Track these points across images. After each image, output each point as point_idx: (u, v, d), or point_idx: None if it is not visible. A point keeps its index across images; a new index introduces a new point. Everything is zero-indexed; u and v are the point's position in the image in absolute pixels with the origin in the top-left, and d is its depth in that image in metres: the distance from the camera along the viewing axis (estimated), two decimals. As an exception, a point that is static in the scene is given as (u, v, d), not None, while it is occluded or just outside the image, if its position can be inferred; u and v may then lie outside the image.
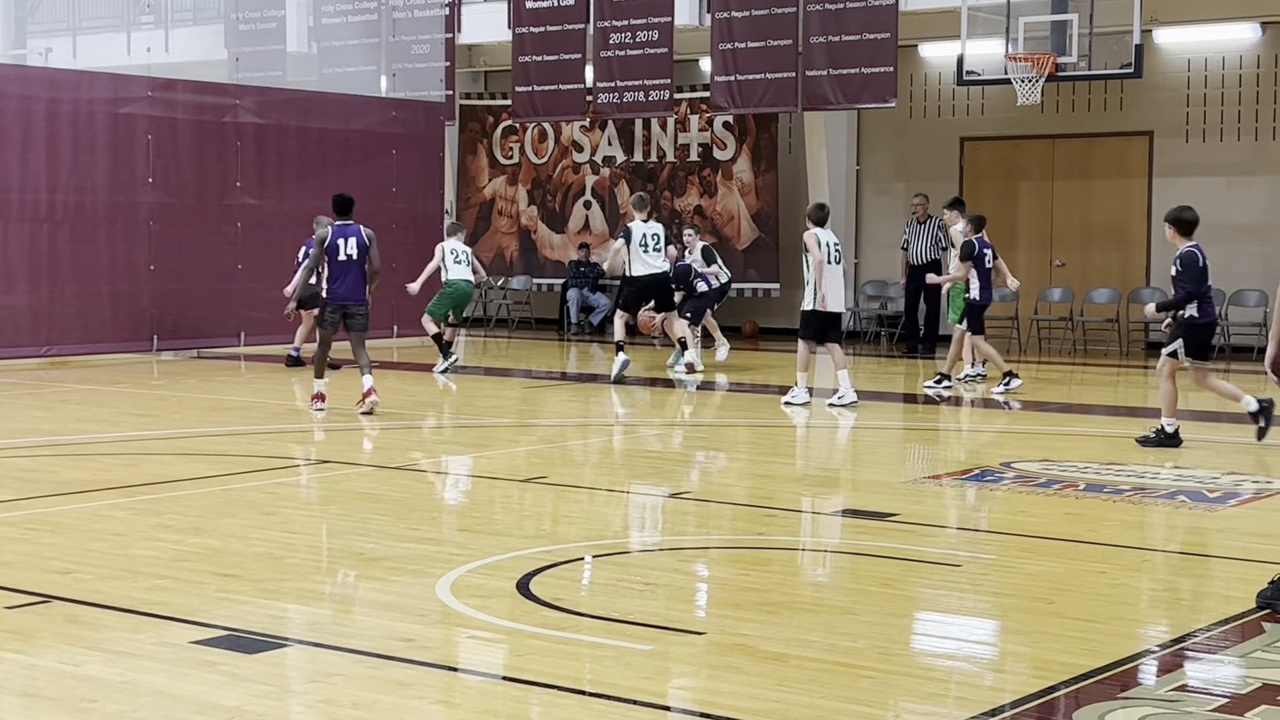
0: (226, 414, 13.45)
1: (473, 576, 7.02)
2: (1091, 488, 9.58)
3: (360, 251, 13.15)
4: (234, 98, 19.60)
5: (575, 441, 12.25)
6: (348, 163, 20.28)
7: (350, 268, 13.11)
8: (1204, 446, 11.78)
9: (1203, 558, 7.65)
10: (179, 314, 18.75)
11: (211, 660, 5.59)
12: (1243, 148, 19.50)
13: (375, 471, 10.29)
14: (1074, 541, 8.04)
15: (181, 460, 10.69)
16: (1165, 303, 11.64)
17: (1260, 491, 9.40)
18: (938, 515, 9.05)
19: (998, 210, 21.00)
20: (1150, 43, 18.99)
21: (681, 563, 7.62)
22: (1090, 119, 20.44)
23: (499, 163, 24.66)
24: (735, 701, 5.19)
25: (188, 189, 18.82)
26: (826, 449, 12.47)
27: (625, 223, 17.28)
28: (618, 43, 20.79)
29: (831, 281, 14.00)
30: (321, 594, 6.74)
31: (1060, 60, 17.40)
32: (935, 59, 21.12)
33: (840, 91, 19.18)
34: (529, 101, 21.75)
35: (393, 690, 5.28)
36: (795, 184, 21.93)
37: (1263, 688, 5.35)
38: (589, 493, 9.74)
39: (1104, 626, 6.22)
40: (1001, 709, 5.14)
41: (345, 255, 13.12)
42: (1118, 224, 20.44)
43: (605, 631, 6.09)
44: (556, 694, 5.27)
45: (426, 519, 8.76)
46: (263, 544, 7.78)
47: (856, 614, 6.42)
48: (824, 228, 14.23)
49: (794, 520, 8.86)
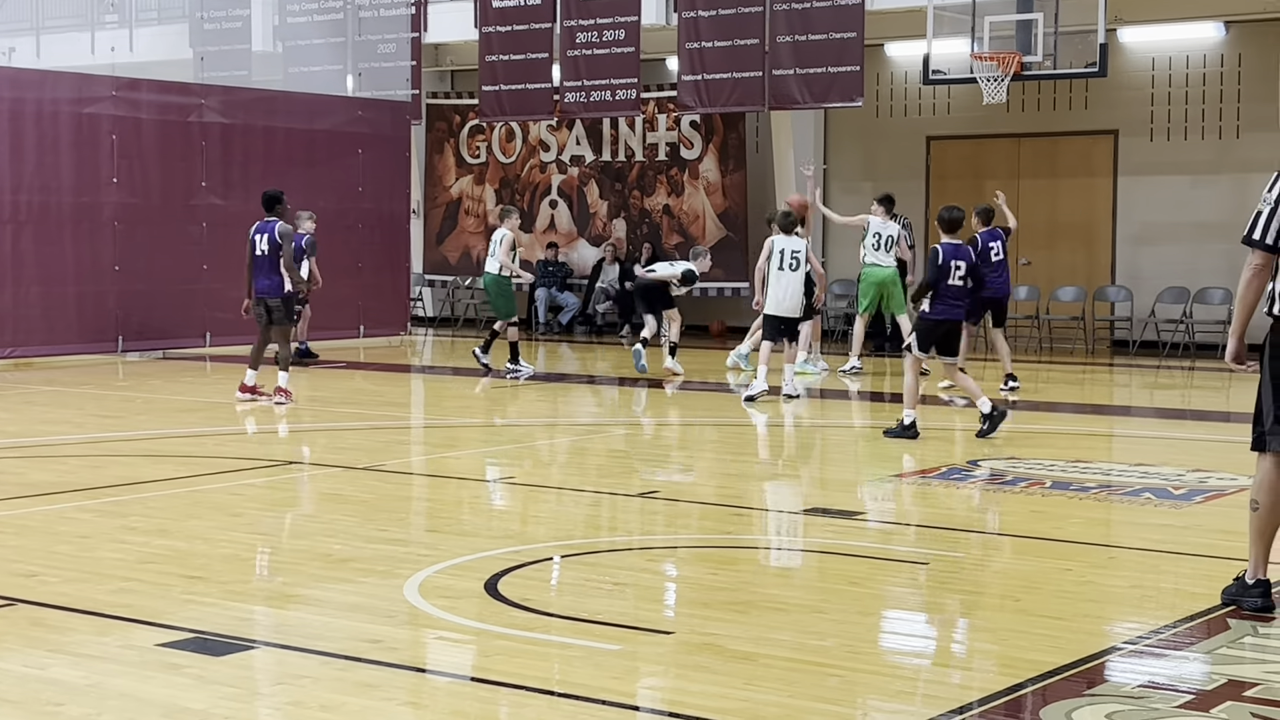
0: (192, 415, 13.39)
1: (441, 577, 7.00)
2: (1058, 485, 9.62)
3: (272, 248, 13.62)
4: (199, 97, 19.50)
5: (543, 441, 12.24)
6: (313, 162, 20.21)
7: (263, 263, 13.67)
8: (1169, 444, 11.85)
9: (1168, 554, 7.69)
10: (144, 315, 18.65)
11: (178, 663, 5.56)
12: (1207, 146, 19.62)
13: (342, 472, 10.26)
14: (1040, 539, 8.07)
15: (147, 462, 10.63)
16: (914, 293, 12.20)
17: (1225, 488, 9.45)
18: (905, 513, 9.08)
19: (964, 210, 21.07)
20: (1115, 42, 19.09)
21: (650, 562, 7.62)
22: (1055, 118, 20.53)
23: (466, 162, 24.61)
24: (704, 701, 5.19)
25: (153, 189, 18.72)
26: (794, 448, 12.49)
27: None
28: (584, 42, 20.78)
29: (777, 286, 14.09)
30: (289, 596, 6.71)
31: (1025, 59, 17.47)
32: (901, 58, 21.18)
33: (807, 91, 19.21)
34: (496, 101, 21.72)
35: (361, 692, 5.26)
36: (762, 183, 21.97)
37: (1228, 683, 5.38)
38: (557, 493, 9.73)
39: (1070, 624, 6.25)
40: (969, 707, 5.15)
41: (260, 251, 13.69)
42: (1083, 223, 20.54)
43: (574, 632, 6.08)
44: (525, 694, 5.26)
45: (394, 520, 8.74)
46: (229, 546, 7.74)
47: (824, 613, 6.44)
48: (789, 235, 14.22)
49: (762, 519, 8.87)
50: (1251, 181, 17.76)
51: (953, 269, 11.75)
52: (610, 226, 23.37)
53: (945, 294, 11.76)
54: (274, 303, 13.71)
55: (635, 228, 23.11)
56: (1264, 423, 6.25)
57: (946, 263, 11.72)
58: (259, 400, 13.66)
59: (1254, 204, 6.31)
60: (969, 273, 11.82)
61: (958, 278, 11.77)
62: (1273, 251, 6.16)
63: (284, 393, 13.64)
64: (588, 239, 23.64)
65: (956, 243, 11.96)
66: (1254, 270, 6.19)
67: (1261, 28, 18.88)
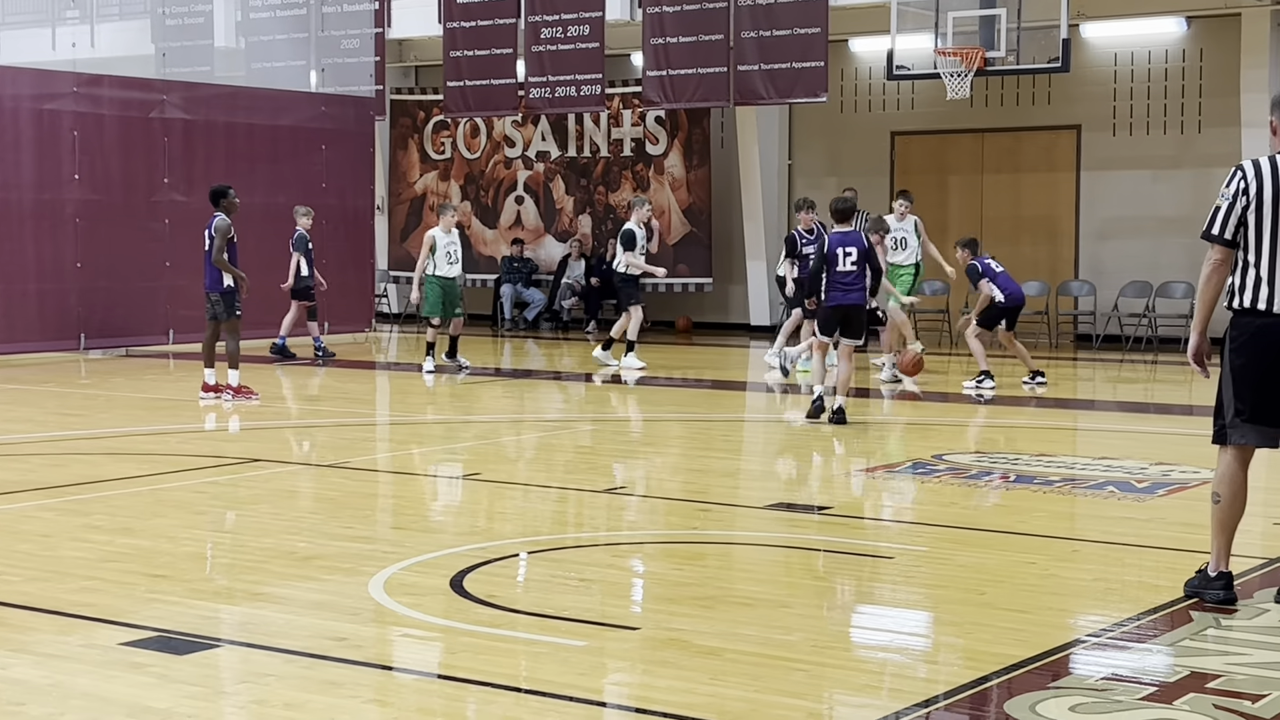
0: (155, 413, 13.32)
1: (406, 574, 6.99)
2: (1022, 479, 9.66)
3: (210, 241, 13.64)
4: (161, 93, 19.39)
5: (509, 438, 12.22)
6: (277, 158, 20.12)
7: (206, 258, 13.71)
8: (1133, 437, 11.92)
9: (1131, 547, 7.73)
10: (106, 312, 18.54)
11: (141, 662, 5.53)
12: (1169, 141, 19.73)
13: (307, 469, 10.22)
14: (1005, 533, 8.10)
15: (110, 460, 10.57)
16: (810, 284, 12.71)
17: (1187, 481, 9.51)
18: (871, 508, 9.10)
19: (928, 204, 21.15)
20: (1077, 37, 19.17)
21: (616, 558, 7.62)
22: (1019, 113, 20.62)
23: (431, 158, 24.55)
24: (670, 696, 5.19)
25: (114, 186, 18.61)
26: (760, 442, 12.51)
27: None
28: (549, 37, 20.75)
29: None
30: (253, 593, 6.68)
31: (989, 55, 17.53)
32: (865, 54, 21.23)
33: (772, 86, 19.23)
34: (460, 96, 21.67)
35: (326, 690, 5.24)
36: (727, 179, 21.99)
37: (1191, 675, 5.41)
38: (523, 489, 9.72)
39: (1035, 617, 6.27)
40: (935, 700, 5.17)
41: (207, 245, 13.71)
42: (1046, 217, 20.63)
43: (540, 628, 6.07)
44: (491, 691, 5.25)
45: (359, 517, 8.71)
46: (193, 544, 7.71)
47: (790, 607, 6.44)
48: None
49: (728, 514, 8.87)
50: (1212, 176, 17.89)
51: (841, 256, 12.15)
52: (576, 222, 23.35)
53: (836, 281, 12.19)
54: (214, 297, 13.66)
55: (601, 223, 23.09)
56: (1224, 416, 6.29)
57: (834, 250, 12.19)
58: (221, 398, 13.59)
59: (1214, 199, 6.35)
60: (860, 259, 12.17)
61: (849, 264, 12.15)
62: (1231, 246, 6.20)
63: (237, 390, 13.53)
64: (553, 235, 23.62)
65: (846, 230, 12.32)
66: (1213, 265, 6.24)
67: (1222, 23, 18.99)
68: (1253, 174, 6.17)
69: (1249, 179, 6.16)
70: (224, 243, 13.50)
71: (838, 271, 12.18)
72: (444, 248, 16.10)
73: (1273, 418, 6.22)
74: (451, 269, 16.16)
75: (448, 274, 16.15)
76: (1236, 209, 6.17)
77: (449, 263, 16.14)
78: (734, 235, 22.14)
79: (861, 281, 12.28)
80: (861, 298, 12.34)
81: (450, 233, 16.26)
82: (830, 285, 12.24)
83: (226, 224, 13.57)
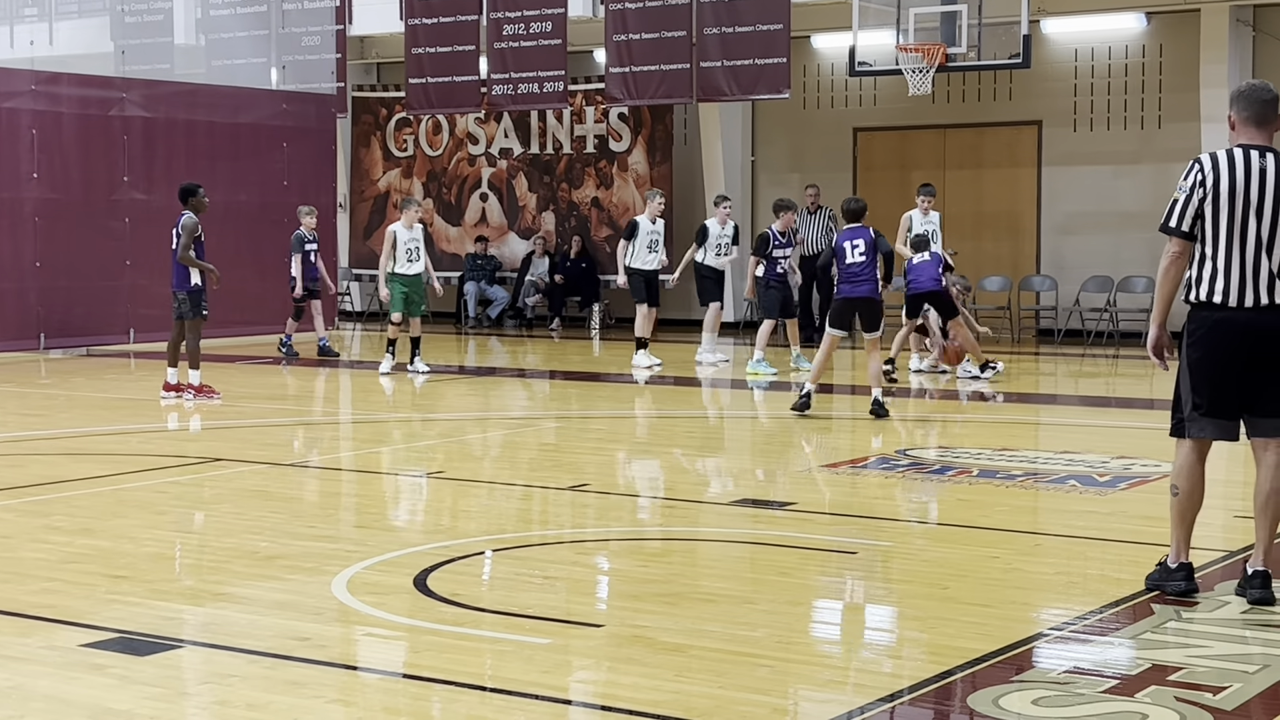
0: (116, 412, 13.23)
1: (369, 573, 6.96)
2: (985, 474, 9.69)
3: (176, 240, 13.55)
4: (120, 91, 19.27)
5: (474, 435, 12.19)
6: (238, 156, 20.02)
7: (173, 256, 13.61)
8: (1094, 431, 11.98)
9: (1093, 541, 7.77)
10: (66, 311, 18.41)
11: (102, 663, 5.49)
12: (1129, 136, 19.83)
13: (269, 469, 10.17)
14: (968, 527, 8.13)
15: (70, 460, 10.50)
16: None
17: (1149, 474, 9.56)
18: (835, 503, 9.11)
19: (891, 200, 21.21)
20: (1038, 33, 19.26)
21: (581, 556, 7.61)
22: (980, 109, 20.69)
23: (393, 155, 24.48)
24: (635, 694, 5.18)
25: (74, 184, 18.48)
26: (725, 439, 12.52)
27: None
28: (511, 34, 20.71)
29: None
30: (215, 594, 6.64)
31: (950, 51, 17.59)
32: (828, 50, 21.26)
33: (734, 83, 19.25)
34: (423, 93, 21.61)
35: (289, 690, 5.22)
36: (691, 175, 21.98)
37: (1152, 668, 5.44)
38: (488, 487, 9.70)
39: (998, 611, 6.30)
40: (899, 694, 5.18)
41: (174, 244, 13.62)
42: (1008, 213, 20.71)
43: (504, 626, 6.06)
44: (456, 690, 5.24)
45: (322, 516, 8.67)
46: (154, 544, 7.66)
47: (755, 603, 6.45)
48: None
49: (693, 511, 8.87)
50: (1172, 171, 17.85)
51: (849, 249, 12.41)
52: (539, 219, 23.32)
53: (845, 274, 12.44)
54: (180, 296, 13.57)
55: (564, 220, 23.07)
56: (1182, 409, 6.32)
57: (841, 245, 12.48)
58: (182, 398, 13.51)
59: (1174, 193, 6.37)
60: (868, 249, 12.40)
61: (857, 255, 12.37)
62: (1189, 238, 6.23)
63: (198, 390, 13.46)
64: (517, 232, 23.57)
65: (855, 226, 12.58)
66: (1171, 258, 6.27)
67: (1181, 18, 19.10)
68: (1210, 167, 6.20)
69: (1206, 171, 6.19)
70: (190, 240, 13.40)
71: (846, 264, 12.41)
72: (404, 244, 15.76)
73: (1230, 411, 6.25)
74: (412, 266, 15.78)
75: (407, 271, 15.79)
76: (1194, 201, 6.20)
77: (408, 260, 15.78)
78: (697, 231, 22.10)
79: (870, 273, 12.43)
80: (871, 290, 12.45)
81: (412, 229, 15.88)
82: (840, 279, 12.51)
83: (194, 222, 13.47)
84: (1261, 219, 6.12)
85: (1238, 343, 6.17)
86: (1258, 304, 6.14)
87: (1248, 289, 6.13)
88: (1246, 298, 6.14)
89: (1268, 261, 6.13)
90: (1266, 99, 6.32)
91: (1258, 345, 6.16)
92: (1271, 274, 6.14)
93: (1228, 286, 6.15)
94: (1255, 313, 6.14)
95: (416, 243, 15.89)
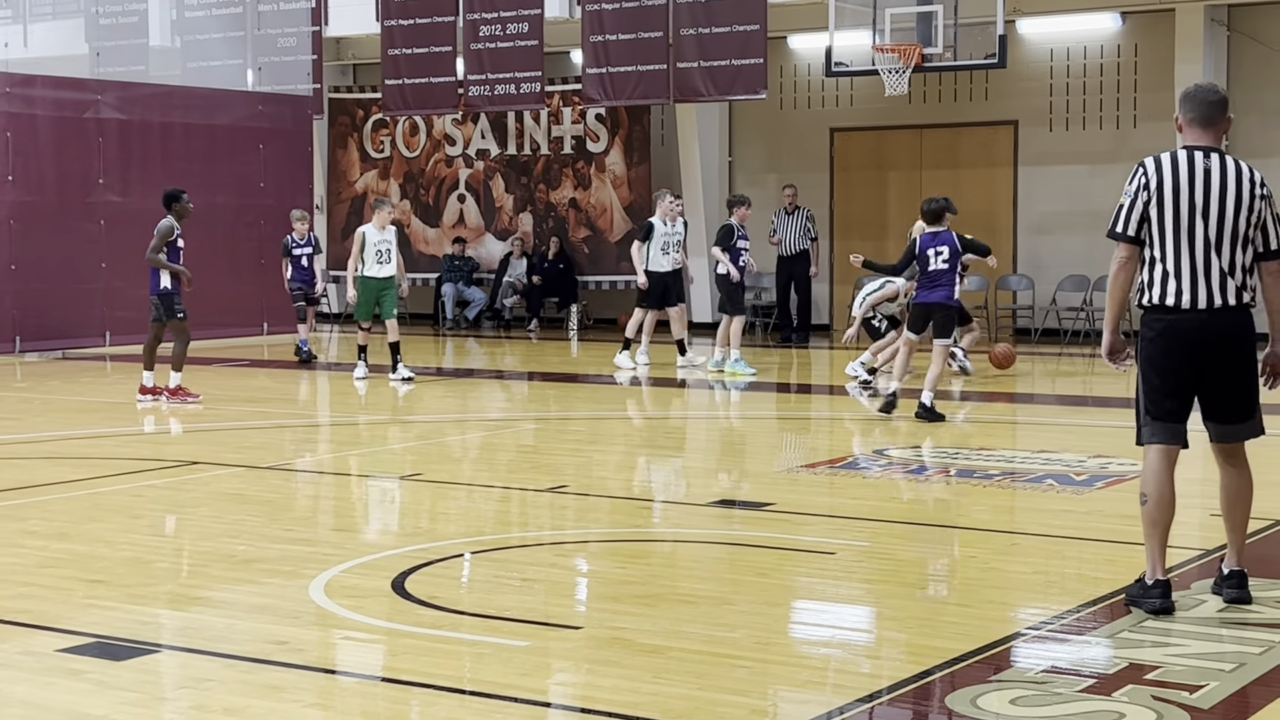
0: (92, 416, 13.18)
1: (347, 577, 6.94)
2: (962, 473, 9.71)
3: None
4: (95, 93, 19.19)
5: (452, 437, 12.18)
6: (214, 158, 19.95)
7: None
8: (1071, 430, 12.01)
9: (1071, 540, 7.79)
10: (42, 314, 18.33)
11: (79, 668, 5.47)
12: (1105, 136, 19.90)
13: (246, 472, 10.14)
14: (946, 527, 8.15)
15: (46, 464, 10.45)
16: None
17: (1125, 474, 9.59)
18: (812, 504, 9.12)
19: (867, 200, 21.26)
20: (1014, 33, 19.31)
21: (559, 557, 7.61)
22: (957, 109, 20.73)
23: (370, 156, 24.42)
24: (613, 695, 5.18)
25: (49, 187, 18.40)
26: (703, 440, 12.52)
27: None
28: (488, 35, 20.68)
29: None
30: (192, 598, 6.62)
31: (926, 51, 17.62)
32: (804, 51, 21.28)
33: (711, 83, 19.26)
34: (399, 95, 21.57)
35: (267, 694, 5.20)
36: (668, 176, 21.97)
37: (1129, 667, 5.46)
38: (466, 489, 9.69)
39: (976, 611, 6.31)
40: (878, 694, 5.19)
41: None
42: (985, 213, 20.73)
43: (483, 629, 6.05)
44: (434, 693, 5.23)
45: (299, 519, 8.65)
46: (131, 548, 7.63)
47: (733, 604, 6.45)
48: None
49: (671, 512, 8.88)
50: (1148, 170, 17.98)
51: (933, 256, 12.34)
52: (516, 221, 23.30)
53: (925, 279, 12.38)
54: (153, 299, 13.54)
55: (542, 221, 23.06)
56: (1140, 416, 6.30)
57: (925, 251, 12.38)
58: (159, 401, 13.47)
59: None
60: (951, 256, 12.36)
61: (940, 263, 12.32)
62: (1136, 243, 6.22)
63: (173, 392, 13.45)
64: (494, 233, 23.55)
65: (937, 230, 12.46)
66: (1120, 263, 6.27)
67: (1156, 18, 19.17)
68: (1153, 170, 6.19)
69: (1149, 175, 6.18)
70: (160, 243, 13.37)
71: (929, 271, 12.35)
72: (374, 245, 15.24)
73: (1180, 414, 6.17)
74: (382, 268, 15.26)
75: (376, 274, 15.30)
76: (1139, 206, 6.19)
77: (378, 262, 15.29)
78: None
79: (950, 278, 12.38)
80: (946, 295, 12.36)
81: (384, 230, 15.33)
82: (919, 282, 12.52)
83: (168, 226, 13.40)
84: (1208, 220, 6.08)
85: (1190, 346, 6.10)
86: (1210, 305, 6.07)
87: (1199, 290, 6.08)
88: (1199, 299, 6.08)
89: (1218, 262, 6.07)
90: (1212, 100, 6.26)
91: (1211, 349, 6.10)
92: (1222, 274, 6.08)
93: (1179, 289, 6.11)
94: (1208, 314, 6.08)
95: (388, 244, 15.39)
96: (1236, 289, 6.10)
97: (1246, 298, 6.14)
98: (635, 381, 15.77)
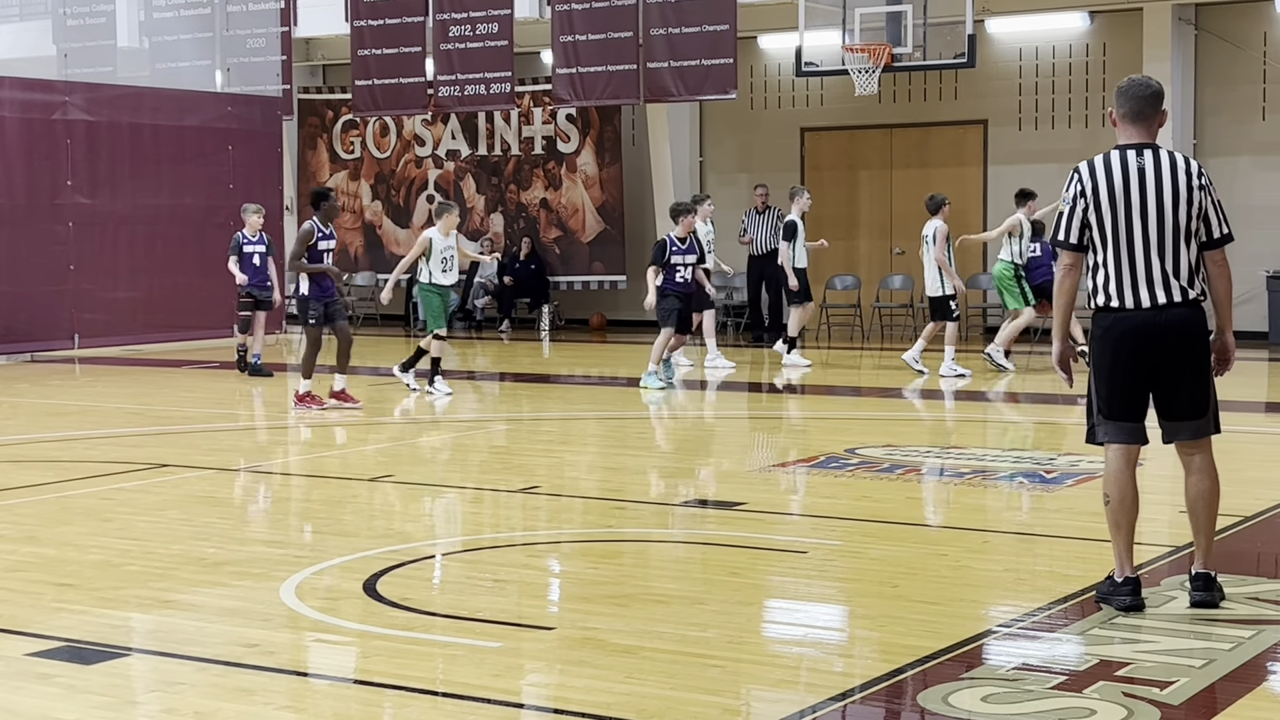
0: (61, 419, 13.11)
1: (319, 578, 6.92)
2: (933, 472, 9.74)
3: None
4: (63, 94, 19.09)
5: (424, 439, 12.15)
6: (183, 159, 19.88)
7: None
8: (1041, 428, 12.05)
9: (1041, 538, 7.82)
10: (10, 317, 18.22)
11: (48, 672, 5.44)
12: (1074, 135, 19.98)
13: (217, 474, 10.10)
14: (917, 525, 8.17)
15: (14, 467, 10.39)
16: None
17: (1095, 471, 9.62)
18: (784, 503, 9.14)
19: (838, 199, 21.30)
20: (983, 33, 19.38)
21: (532, 558, 7.60)
22: (926, 109, 20.79)
23: (340, 157, 24.36)
24: (586, 696, 5.18)
25: (16, 189, 18.30)
26: (675, 440, 12.53)
27: None
28: (458, 35, 20.66)
29: None
30: (162, 601, 6.59)
31: (896, 51, 17.68)
32: (774, 50, 21.31)
33: (681, 83, 19.27)
34: (369, 95, 21.53)
35: (238, 697, 5.18)
36: (639, 176, 21.99)
37: (1100, 664, 5.48)
38: (438, 490, 9.67)
39: (947, 608, 6.33)
40: (850, 693, 5.20)
41: None
42: (955, 211, 20.67)
43: (455, 630, 6.04)
44: (407, 695, 5.22)
45: (270, 521, 8.62)
46: (100, 552, 7.59)
47: (705, 604, 6.45)
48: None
49: (644, 512, 8.87)
50: (1117, 169, 18.04)
51: None
52: (488, 221, 23.27)
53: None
54: (295, 303, 13.53)
55: (513, 222, 23.03)
56: (1092, 415, 6.32)
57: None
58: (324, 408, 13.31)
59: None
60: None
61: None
62: (1079, 250, 6.20)
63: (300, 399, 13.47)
64: (465, 234, 23.48)
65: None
66: (1064, 270, 6.26)
67: (1125, 17, 19.26)
68: (1087, 174, 6.18)
69: (1084, 180, 6.16)
70: (301, 249, 13.12)
71: None
72: (440, 253, 14.19)
73: (1134, 413, 6.17)
74: (447, 276, 14.35)
75: (444, 281, 14.34)
76: (1078, 212, 6.16)
77: (444, 270, 14.25)
78: (647, 232, 22.11)
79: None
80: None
81: (448, 235, 14.28)
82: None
83: (309, 229, 13.19)
84: (1147, 221, 6.06)
85: (1137, 344, 6.09)
86: (1154, 303, 6.06)
87: (1141, 290, 6.07)
88: (1142, 299, 6.06)
89: (1159, 261, 6.05)
90: (1144, 95, 6.23)
91: (1159, 345, 6.08)
92: (1165, 273, 6.05)
93: (1121, 289, 6.09)
94: (1154, 311, 6.06)
95: (453, 250, 14.34)
96: (1182, 287, 6.08)
97: (1194, 294, 6.11)
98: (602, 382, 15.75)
